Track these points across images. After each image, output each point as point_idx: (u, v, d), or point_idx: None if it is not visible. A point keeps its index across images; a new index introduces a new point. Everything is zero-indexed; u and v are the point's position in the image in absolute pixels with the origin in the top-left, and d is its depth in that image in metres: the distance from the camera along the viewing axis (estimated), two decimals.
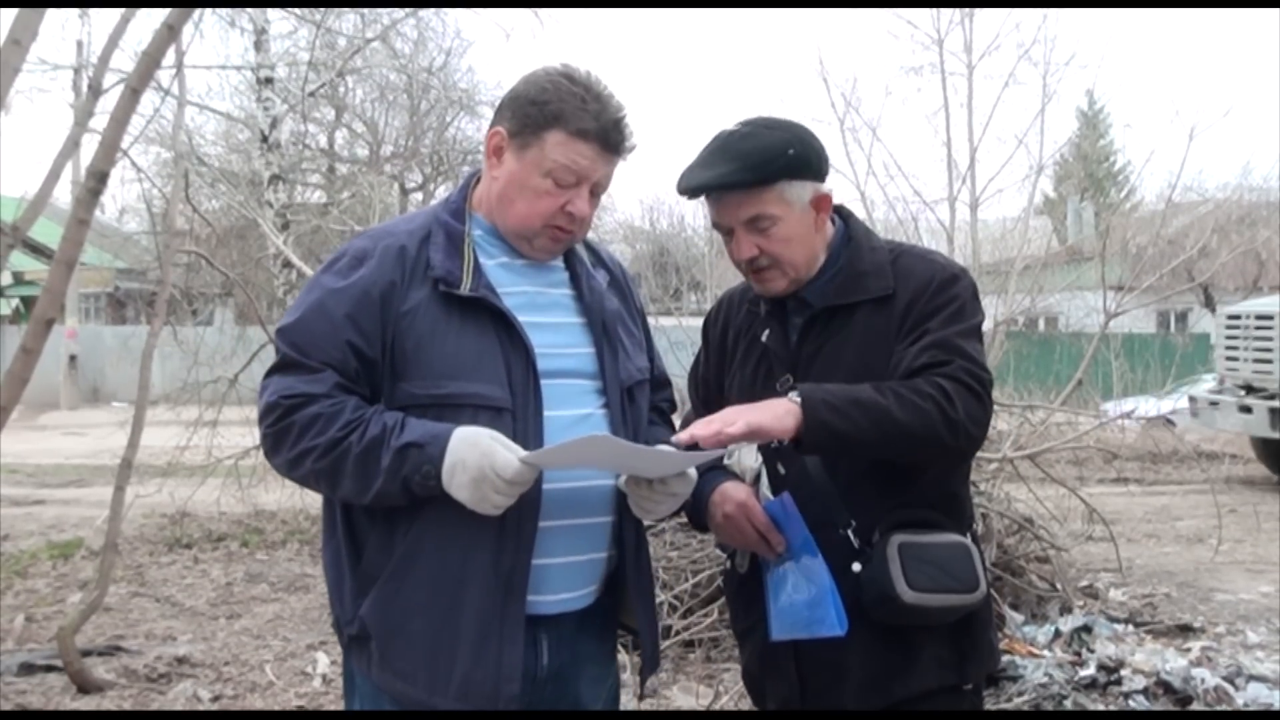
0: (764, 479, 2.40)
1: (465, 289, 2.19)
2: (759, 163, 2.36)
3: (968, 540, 2.39)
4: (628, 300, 2.49)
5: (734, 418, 2.12)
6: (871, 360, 2.36)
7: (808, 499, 2.30)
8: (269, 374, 2.21)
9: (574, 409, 2.25)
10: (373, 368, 2.18)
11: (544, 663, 2.24)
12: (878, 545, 2.30)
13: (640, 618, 2.38)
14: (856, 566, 2.30)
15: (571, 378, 2.28)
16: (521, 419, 2.17)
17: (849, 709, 2.36)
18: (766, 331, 2.52)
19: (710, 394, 2.65)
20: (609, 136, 2.24)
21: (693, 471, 2.28)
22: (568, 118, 2.21)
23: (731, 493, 2.38)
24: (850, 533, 2.32)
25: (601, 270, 2.45)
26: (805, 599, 2.29)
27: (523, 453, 2.06)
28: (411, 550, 2.15)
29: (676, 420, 2.62)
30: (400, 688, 2.17)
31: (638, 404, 2.39)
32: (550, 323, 2.29)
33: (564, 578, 2.25)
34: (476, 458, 2.03)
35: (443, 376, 2.16)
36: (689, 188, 2.42)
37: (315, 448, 2.10)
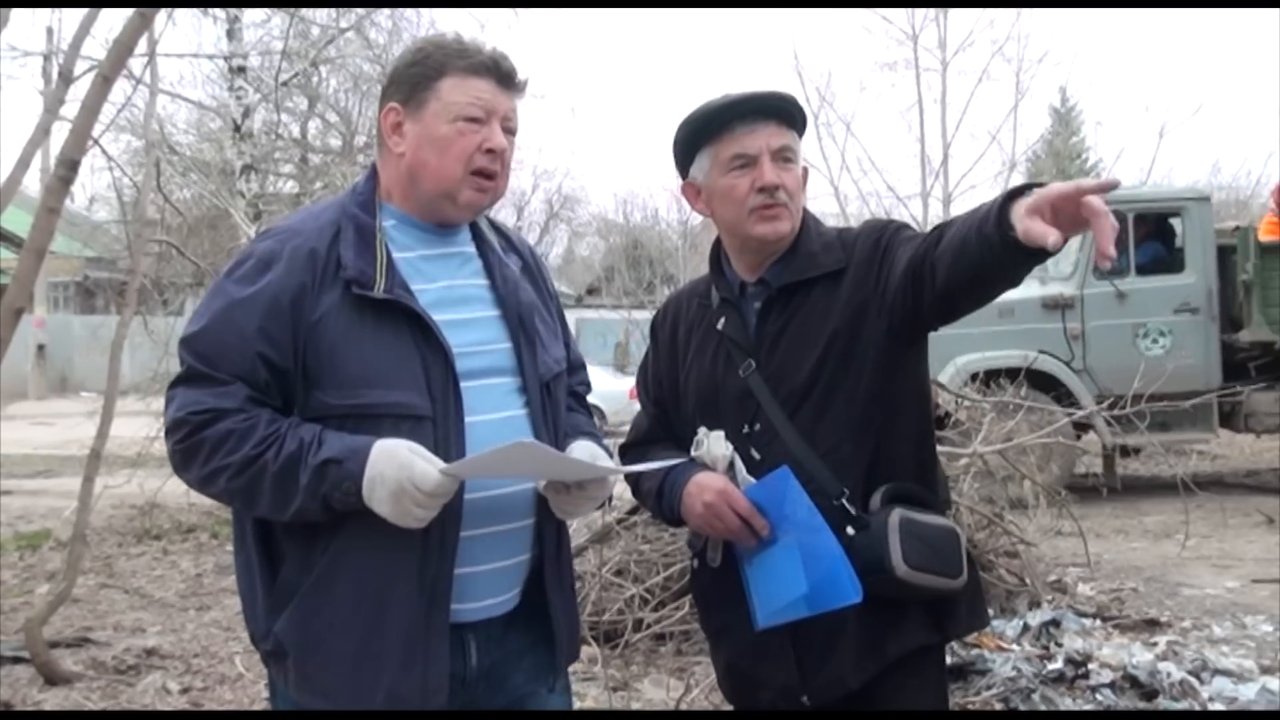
0: (738, 465, 2.41)
1: (379, 290, 2.11)
2: (792, 102, 2.51)
3: (957, 527, 2.46)
4: (541, 287, 2.43)
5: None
6: (836, 332, 2.40)
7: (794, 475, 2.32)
8: (173, 385, 2.14)
9: (495, 412, 2.19)
10: (285, 377, 2.10)
11: (473, 664, 2.20)
12: (878, 515, 2.33)
13: (559, 615, 2.31)
14: (850, 531, 2.32)
15: (490, 376, 2.23)
16: (443, 426, 2.11)
17: (850, 682, 2.38)
18: (722, 320, 2.53)
19: (663, 392, 2.66)
20: (500, 67, 2.23)
21: (613, 477, 2.28)
22: (451, 63, 2.21)
23: (708, 481, 2.39)
24: (844, 501, 2.36)
25: (513, 255, 2.39)
26: (804, 575, 2.28)
27: (442, 464, 2.02)
28: (331, 566, 2.09)
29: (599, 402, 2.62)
30: (320, 703, 2.11)
31: (556, 398, 2.35)
32: (466, 319, 2.23)
33: (488, 584, 2.20)
34: (394, 471, 1.98)
35: (360, 385, 2.09)
36: (747, 96, 2.47)
37: (229, 466, 2.04)
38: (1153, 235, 11.12)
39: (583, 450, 2.28)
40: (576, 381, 2.53)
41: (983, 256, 2.04)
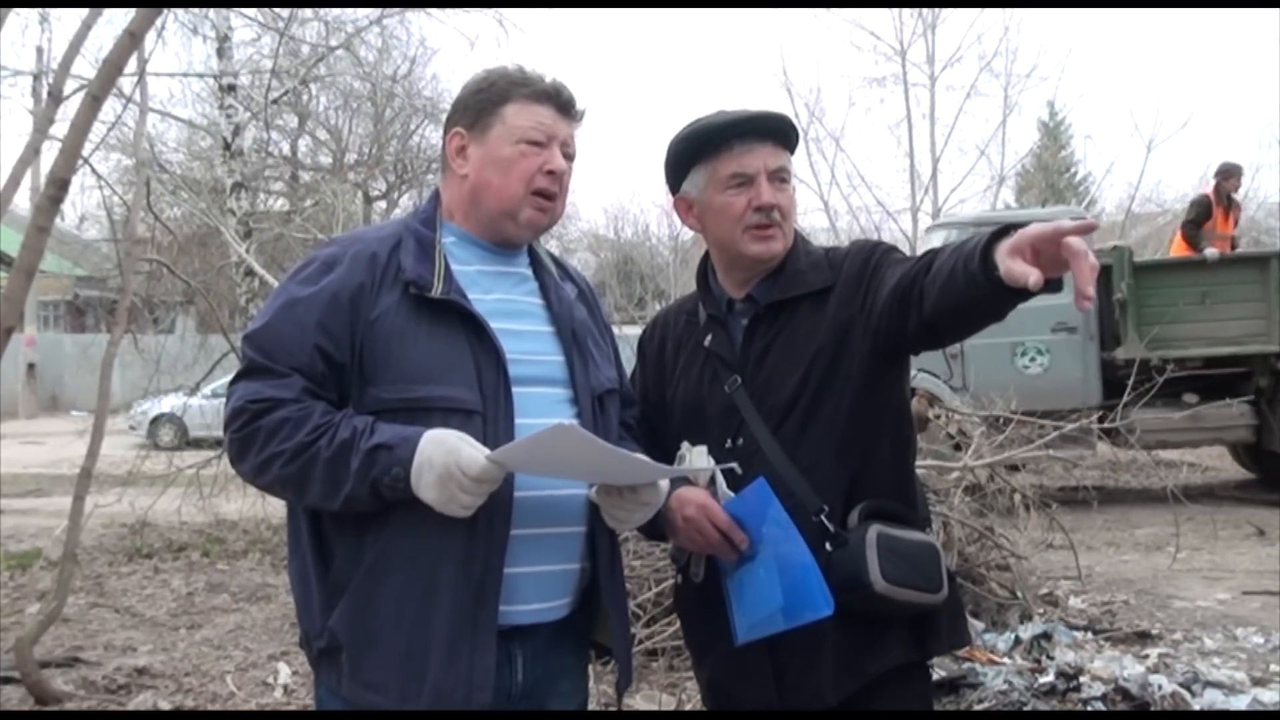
0: (719, 480, 2.40)
1: (436, 292, 2.18)
2: (792, 124, 2.53)
3: (936, 542, 2.45)
4: (594, 314, 2.50)
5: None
6: (820, 349, 2.42)
7: (774, 490, 2.31)
8: (235, 380, 2.19)
9: (545, 417, 2.20)
10: (341, 372, 2.16)
11: (518, 679, 2.22)
12: (855, 530, 2.33)
13: (614, 632, 2.36)
14: (828, 547, 2.32)
15: (543, 385, 2.27)
16: (492, 423, 2.15)
17: (828, 698, 2.37)
18: (709, 337, 2.55)
19: (649, 408, 2.67)
20: (560, 95, 2.33)
21: (664, 482, 2.28)
22: (515, 90, 2.31)
23: (689, 496, 2.39)
24: (823, 518, 2.36)
25: (569, 283, 2.46)
26: (780, 588, 2.28)
27: (489, 451, 2.05)
28: (381, 557, 2.12)
29: None
30: (371, 699, 2.12)
31: (608, 413, 2.39)
32: (521, 330, 2.28)
33: (536, 587, 2.22)
34: (442, 456, 2.02)
35: (412, 380, 2.14)
36: (749, 116, 2.48)
37: (283, 452, 2.08)
38: None
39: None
40: (629, 415, 2.56)
41: (968, 291, 2.07)
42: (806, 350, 2.43)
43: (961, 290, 2.08)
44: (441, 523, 2.07)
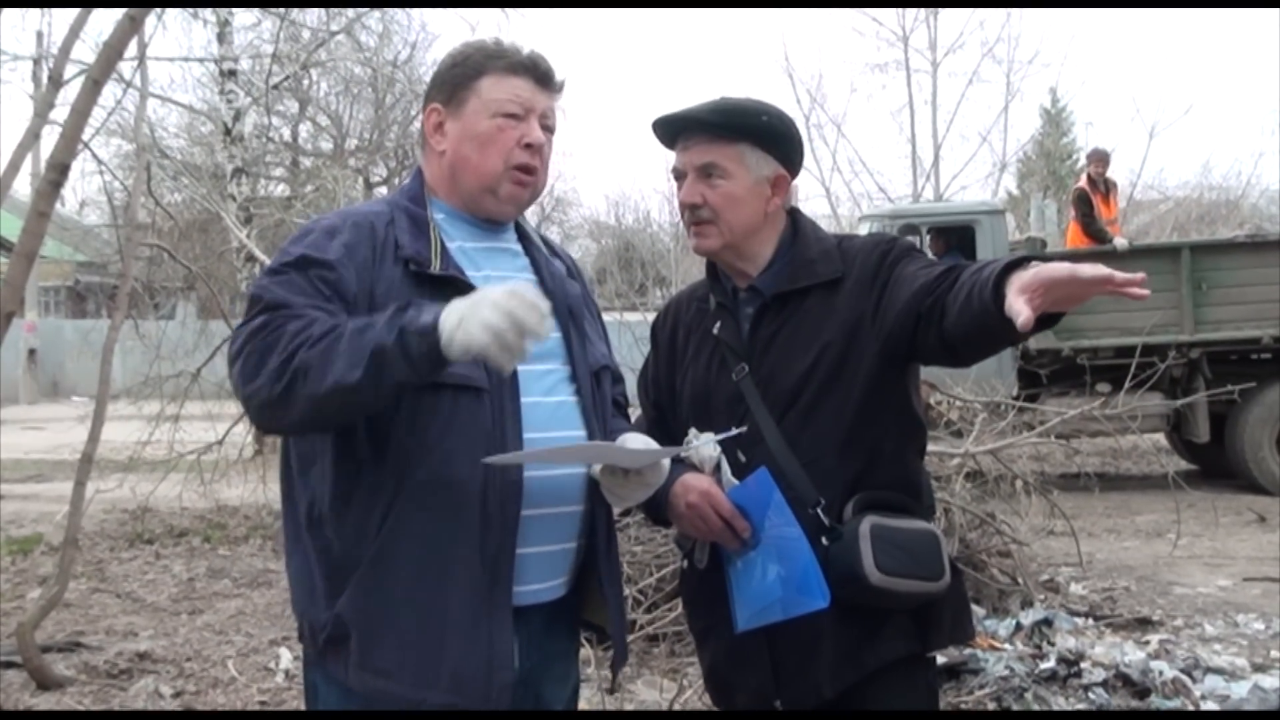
0: (724, 467, 2.40)
1: (436, 268, 2.16)
2: (730, 113, 2.46)
3: (937, 530, 2.43)
4: (584, 291, 2.48)
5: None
6: (829, 343, 2.40)
7: (774, 480, 2.30)
8: (245, 321, 2.08)
9: (548, 395, 2.22)
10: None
11: (516, 665, 2.18)
12: (850, 523, 2.32)
13: (610, 609, 2.34)
14: (825, 541, 2.31)
15: (543, 362, 2.25)
16: (498, 401, 2.13)
17: (825, 690, 2.36)
18: (718, 324, 2.54)
19: (661, 395, 2.66)
20: (538, 67, 2.30)
21: (665, 461, 2.29)
22: (491, 63, 2.28)
23: (693, 482, 2.38)
24: (820, 511, 2.34)
25: (556, 260, 2.44)
26: (779, 579, 2.28)
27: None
28: (391, 537, 2.08)
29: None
30: (382, 686, 2.07)
31: (604, 389, 2.38)
32: None
33: (539, 567, 2.21)
34: (495, 289, 1.91)
35: None
36: (660, 120, 2.50)
37: (308, 338, 1.97)
38: (956, 247, 11.38)
39: (636, 440, 2.29)
40: (617, 391, 2.54)
41: (981, 317, 2.07)
42: (814, 342, 2.41)
43: (976, 315, 2.08)
44: (453, 502, 2.05)
